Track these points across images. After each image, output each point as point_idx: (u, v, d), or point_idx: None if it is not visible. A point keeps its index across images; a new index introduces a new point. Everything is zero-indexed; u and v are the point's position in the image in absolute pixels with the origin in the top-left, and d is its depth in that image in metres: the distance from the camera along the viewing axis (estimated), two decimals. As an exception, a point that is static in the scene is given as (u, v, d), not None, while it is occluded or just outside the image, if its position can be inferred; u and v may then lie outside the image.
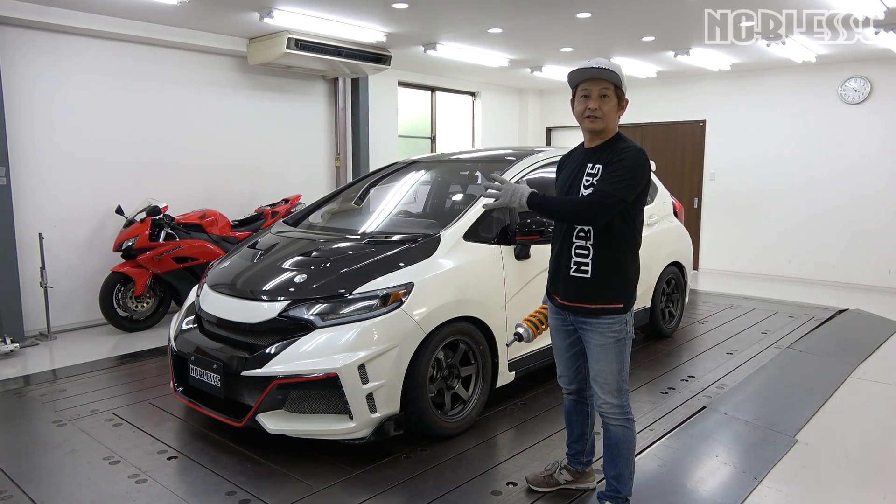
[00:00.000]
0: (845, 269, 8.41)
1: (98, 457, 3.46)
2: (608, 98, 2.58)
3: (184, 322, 3.94)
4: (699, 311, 6.85)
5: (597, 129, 2.62)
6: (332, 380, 3.17)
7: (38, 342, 5.74)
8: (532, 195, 2.57)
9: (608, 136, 2.66)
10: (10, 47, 5.60)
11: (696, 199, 9.63)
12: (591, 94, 2.59)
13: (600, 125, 2.61)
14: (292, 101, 7.88)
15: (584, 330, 2.72)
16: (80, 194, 6.15)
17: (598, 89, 2.58)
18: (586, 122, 2.62)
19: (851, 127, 8.22)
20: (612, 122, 2.63)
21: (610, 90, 2.58)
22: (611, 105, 2.59)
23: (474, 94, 10.50)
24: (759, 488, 3.14)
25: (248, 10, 5.80)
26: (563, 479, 3.07)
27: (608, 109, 2.58)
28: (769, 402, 4.31)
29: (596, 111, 2.58)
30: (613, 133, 2.67)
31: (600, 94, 2.58)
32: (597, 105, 2.58)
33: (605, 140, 2.66)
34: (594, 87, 2.58)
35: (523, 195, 2.57)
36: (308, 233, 4.35)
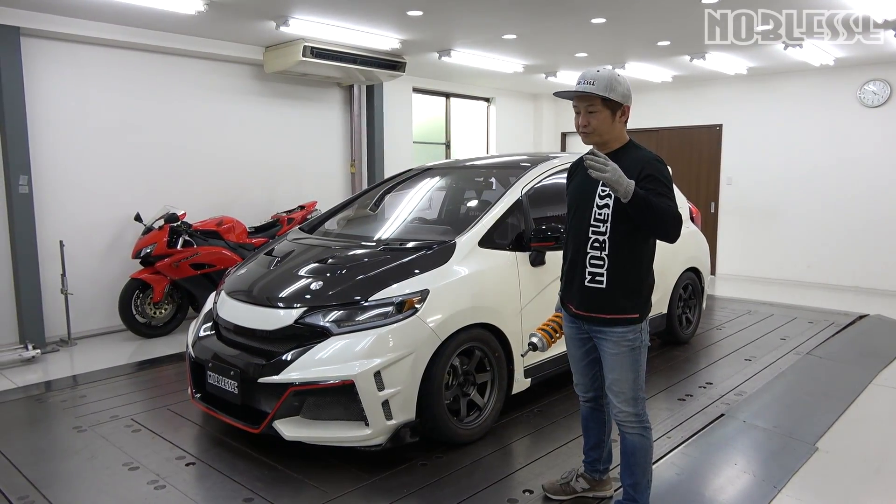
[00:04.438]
0: (866, 274, 8.28)
1: (117, 463, 3.49)
2: (596, 112, 2.59)
3: (201, 329, 3.97)
4: (716, 316, 6.79)
5: (593, 143, 2.66)
6: (349, 387, 3.18)
7: (58, 348, 5.82)
8: (637, 187, 2.41)
9: (617, 145, 2.65)
10: (33, 58, 5.71)
11: (712, 203, 9.55)
12: (581, 110, 2.63)
13: (594, 139, 2.64)
14: (308, 108, 7.94)
15: (599, 339, 2.71)
16: (100, 202, 6.23)
17: (584, 106, 2.61)
18: (581, 137, 2.68)
19: (871, 130, 8.11)
20: (608, 134, 2.63)
21: (596, 104, 2.58)
22: (600, 118, 2.59)
23: (489, 99, 10.51)
24: (779, 497, 3.10)
25: (264, 19, 5.86)
26: (579, 486, 3.05)
27: (598, 123, 2.60)
28: (789, 409, 4.26)
29: (586, 127, 2.62)
30: (622, 141, 2.66)
31: (587, 111, 2.60)
32: (586, 122, 2.61)
33: (616, 148, 2.65)
34: (580, 104, 2.62)
35: (630, 183, 2.38)
36: (324, 240, 4.37)
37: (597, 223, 2.60)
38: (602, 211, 2.59)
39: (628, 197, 2.37)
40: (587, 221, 2.63)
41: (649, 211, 2.40)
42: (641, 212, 2.42)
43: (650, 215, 2.41)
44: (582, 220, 2.65)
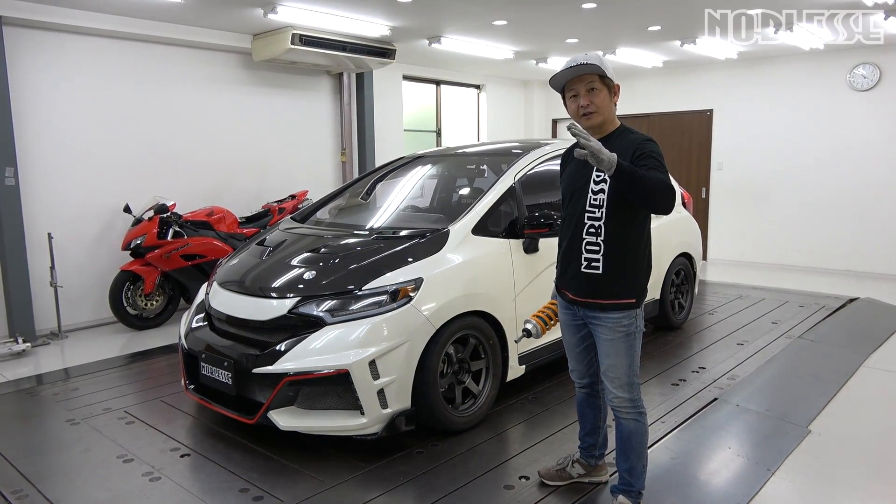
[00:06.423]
0: (856, 257, 8.34)
1: (112, 455, 3.48)
2: (597, 90, 2.56)
3: (194, 320, 3.95)
4: (708, 301, 6.82)
5: (596, 124, 2.59)
6: (343, 376, 3.17)
7: (49, 341, 5.78)
8: (620, 159, 2.31)
9: (611, 128, 2.64)
10: (16, 48, 5.61)
11: (703, 189, 9.57)
12: (580, 91, 2.57)
13: (598, 119, 2.58)
14: (297, 96, 7.87)
15: (594, 325, 2.70)
16: (88, 193, 6.17)
17: (583, 86, 2.56)
18: (583, 121, 2.59)
19: (860, 114, 8.14)
20: (608, 112, 2.60)
21: (596, 82, 2.55)
22: (602, 96, 2.56)
23: (479, 86, 10.46)
24: (773, 479, 3.13)
25: (252, 7, 5.79)
26: (575, 472, 3.06)
27: (600, 101, 2.56)
28: (781, 392, 4.29)
29: (589, 106, 2.56)
30: (615, 124, 2.65)
31: (588, 89, 2.56)
32: (588, 101, 2.56)
33: (610, 132, 2.63)
34: (579, 84, 2.57)
35: (612, 154, 2.28)
36: (316, 229, 4.35)
37: (592, 209, 2.58)
38: (598, 196, 2.57)
39: (612, 168, 2.27)
40: (583, 207, 2.61)
41: (636, 182, 2.32)
42: (629, 184, 2.33)
43: (638, 186, 2.33)
44: (577, 206, 2.64)
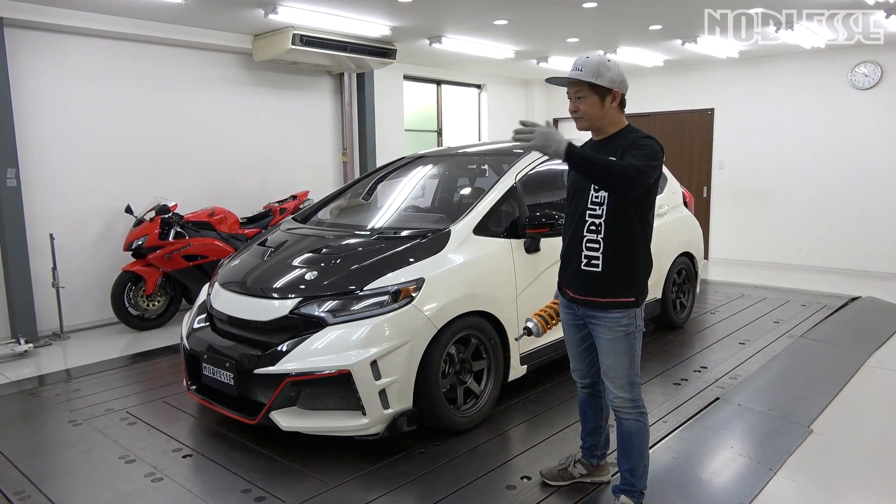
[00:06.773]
0: (857, 256, 8.33)
1: (114, 456, 3.48)
2: (584, 98, 2.62)
3: (196, 320, 3.96)
4: (710, 301, 6.82)
5: (584, 128, 2.71)
6: (345, 376, 3.17)
7: (51, 342, 5.78)
8: (571, 143, 2.37)
9: (613, 129, 2.66)
10: (18, 49, 5.61)
11: (705, 188, 9.56)
12: (571, 96, 2.67)
13: (584, 125, 2.69)
14: (298, 97, 7.87)
15: (594, 324, 2.71)
16: (90, 194, 6.17)
17: (573, 92, 2.65)
18: (575, 123, 2.72)
19: (862, 112, 8.12)
20: (599, 119, 2.65)
21: (584, 90, 2.60)
22: (589, 103, 2.62)
23: (480, 86, 10.45)
24: (775, 479, 3.13)
25: (252, 7, 5.79)
26: (577, 472, 3.06)
27: (586, 108, 2.63)
28: (783, 392, 4.28)
29: (575, 112, 2.66)
30: (618, 126, 2.67)
31: (576, 96, 2.64)
32: (575, 107, 2.66)
33: (612, 133, 2.66)
34: (570, 90, 2.66)
35: (561, 142, 2.35)
36: (317, 229, 4.35)
37: (593, 206, 2.61)
38: (599, 194, 2.60)
39: (560, 156, 2.35)
40: (584, 205, 2.64)
41: (591, 166, 2.40)
42: (584, 169, 2.43)
43: (592, 170, 2.42)
44: (579, 204, 2.66)
